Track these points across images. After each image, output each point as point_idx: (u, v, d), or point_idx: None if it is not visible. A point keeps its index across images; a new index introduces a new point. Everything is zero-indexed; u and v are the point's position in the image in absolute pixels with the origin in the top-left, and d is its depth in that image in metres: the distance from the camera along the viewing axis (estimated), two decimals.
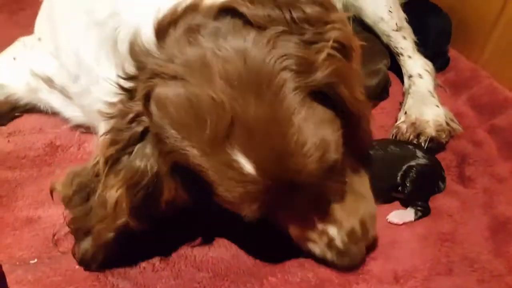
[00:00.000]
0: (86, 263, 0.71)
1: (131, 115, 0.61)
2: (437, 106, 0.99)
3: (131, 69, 0.62)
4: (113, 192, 0.62)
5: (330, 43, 0.58)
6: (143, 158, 0.61)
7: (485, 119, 1.00)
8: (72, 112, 0.93)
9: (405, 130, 0.94)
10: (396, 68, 1.14)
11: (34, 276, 0.70)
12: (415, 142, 0.91)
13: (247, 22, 0.56)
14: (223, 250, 0.75)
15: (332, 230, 0.65)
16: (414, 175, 0.80)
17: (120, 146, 0.62)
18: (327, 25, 0.60)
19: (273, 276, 0.72)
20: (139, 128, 0.61)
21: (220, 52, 0.55)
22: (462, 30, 1.18)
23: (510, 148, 0.92)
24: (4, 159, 0.90)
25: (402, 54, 1.11)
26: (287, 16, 0.58)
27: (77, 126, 0.94)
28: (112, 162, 0.62)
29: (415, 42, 1.12)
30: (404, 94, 1.08)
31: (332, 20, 0.61)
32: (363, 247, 0.68)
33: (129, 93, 0.62)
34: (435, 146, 0.92)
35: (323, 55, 0.57)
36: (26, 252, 0.74)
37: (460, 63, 1.15)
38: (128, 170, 0.62)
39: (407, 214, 0.80)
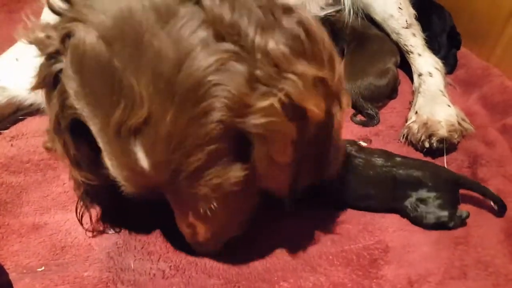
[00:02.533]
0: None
1: (50, 49, 0.55)
2: (449, 105, 0.97)
3: None
4: (54, 140, 0.62)
5: (281, 95, 0.50)
6: (54, 104, 0.58)
7: (497, 119, 0.99)
8: None
9: (416, 130, 0.93)
10: (405, 66, 1.12)
11: (41, 284, 0.69)
12: (427, 143, 0.90)
13: (206, 21, 0.49)
14: (233, 256, 0.74)
15: (199, 228, 0.65)
16: (424, 216, 0.77)
17: (39, 84, 0.59)
18: (288, 74, 0.51)
19: (285, 281, 0.71)
20: (55, 67, 0.56)
21: (160, 44, 0.48)
22: (473, 27, 1.16)
23: None
24: (7, 164, 0.88)
25: (412, 52, 1.09)
26: (250, 38, 0.49)
27: None
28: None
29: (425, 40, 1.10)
30: (413, 93, 1.06)
31: (297, 72, 0.51)
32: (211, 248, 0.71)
33: (58, 20, 0.56)
34: (447, 146, 0.90)
35: (264, 103, 0.50)
36: (33, 259, 0.73)
37: (471, 61, 1.13)
38: (51, 122, 0.60)
39: None
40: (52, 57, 0.56)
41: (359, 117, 1.02)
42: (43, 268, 0.72)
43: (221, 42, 0.49)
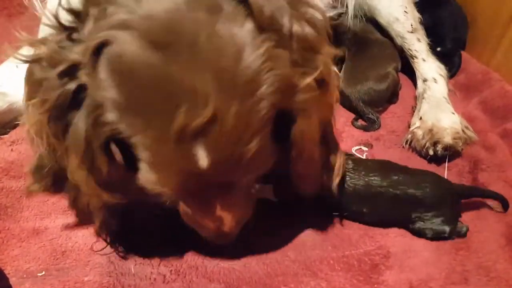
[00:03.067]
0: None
1: (62, 66, 0.51)
2: (453, 113, 0.97)
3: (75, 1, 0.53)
4: (77, 173, 0.56)
5: (317, 73, 0.57)
6: (81, 127, 0.53)
7: (497, 123, 0.99)
8: None
9: (421, 137, 0.92)
10: (407, 70, 1.12)
11: None
12: (431, 150, 0.89)
13: (250, 13, 0.52)
14: (234, 260, 0.74)
15: (227, 219, 0.64)
16: (424, 233, 0.76)
17: (49, 110, 0.54)
18: (317, 55, 0.58)
19: (286, 286, 0.70)
20: (72, 86, 0.52)
21: (218, 40, 0.49)
22: (473, 31, 1.16)
23: None
24: (7, 168, 0.88)
25: (416, 57, 1.08)
26: (287, 27, 0.54)
27: None
28: (55, 131, 0.55)
29: (429, 45, 1.10)
30: (416, 98, 1.06)
31: (323, 52, 0.59)
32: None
33: (66, 32, 0.53)
34: (451, 154, 0.90)
35: (306, 81, 0.56)
36: (33, 264, 0.72)
37: (471, 65, 1.13)
38: (74, 145, 0.54)
39: None
40: (65, 74, 0.52)
41: (360, 122, 1.02)
42: (43, 273, 0.71)
43: (264, 33, 0.52)
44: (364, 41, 1.13)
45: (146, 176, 0.56)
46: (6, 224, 0.78)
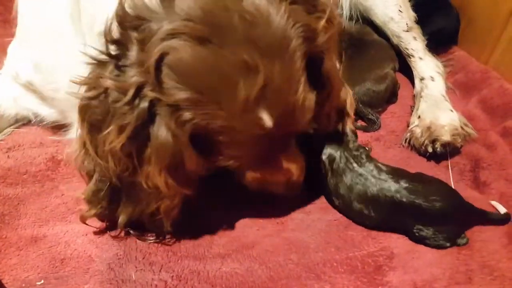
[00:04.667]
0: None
1: (132, 90, 0.57)
2: (451, 110, 0.97)
3: (114, 32, 0.58)
4: (157, 178, 0.62)
5: (327, 14, 0.65)
6: (163, 134, 0.59)
7: (497, 122, 0.99)
8: (49, 109, 0.90)
9: (419, 135, 0.92)
10: (405, 70, 1.12)
11: None
12: (430, 147, 0.89)
13: None
14: (236, 264, 0.73)
15: (294, 169, 0.74)
16: (425, 243, 0.75)
17: (130, 132, 0.59)
18: (318, 1, 0.66)
19: None
20: (145, 104, 0.57)
21: (249, 16, 0.56)
22: (472, 30, 1.17)
23: None
24: (4, 175, 0.86)
25: (413, 56, 1.09)
26: None
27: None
28: (129, 150, 0.60)
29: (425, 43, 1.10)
30: (414, 97, 1.06)
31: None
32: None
33: (113, 62, 0.58)
34: (450, 151, 0.90)
35: (322, 23, 0.64)
36: (32, 273, 0.71)
37: (470, 64, 1.13)
38: (157, 153, 0.60)
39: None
40: (135, 97, 0.57)
41: (360, 123, 1.02)
42: (42, 281, 0.70)
43: None
44: (361, 43, 1.13)
45: (226, 152, 0.64)
46: (4, 232, 0.77)
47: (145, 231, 0.76)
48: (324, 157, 0.81)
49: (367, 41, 1.14)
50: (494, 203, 0.81)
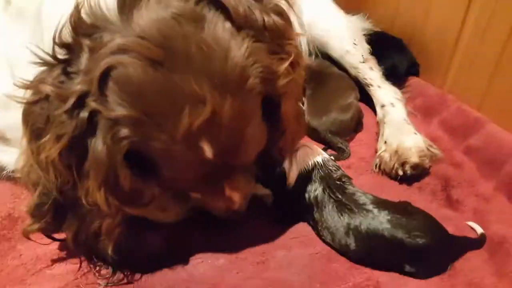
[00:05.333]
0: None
1: (72, 99, 0.55)
2: (415, 133, 1.00)
3: (66, 36, 0.56)
4: (97, 194, 0.59)
5: (291, 57, 0.64)
6: (99, 147, 0.56)
7: (459, 141, 1.02)
8: (9, 155, 0.84)
9: (388, 159, 0.94)
10: (365, 98, 1.15)
11: None
12: (400, 170, 0.91)
13: (229, 17, 0.58)
14: (233, 274, 0.72)
15: (236, 197, 0.71)
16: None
17: (67, 142, 0.56)
18: (287, 40, 0.66)
19: None
20: (85, 114, 0.55)
21: (207, 48, 0.55)
22: (424, 57, 1.22)
23: (489, 167, 0.93)
24: None
25: (371, 85, 1.13)
26: (260, 21, 0.61)
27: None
28: (68, 162, 0.58)
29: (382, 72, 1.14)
30: (378, 124, 1.09)
31: (292, 37, 0.67)
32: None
33: (61, 66, 0.56)
34: (420, 172, 0.92)
35: (283, 66, 0.63)
36: None
37: (427, 89, 1.18)
38: (94, 167, 0.58)
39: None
40: (76, 106, 0.55)
41: (330, 152, 1.02)
42: None
43: (242, 31, 0.59)
44: (321, 76, 1.17)
45: (166, 174, 0.62)
46: None
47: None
48: (308, 189, 0.80)
49: (327, 74, 1.17)
50: (471, 223, 0.82)
